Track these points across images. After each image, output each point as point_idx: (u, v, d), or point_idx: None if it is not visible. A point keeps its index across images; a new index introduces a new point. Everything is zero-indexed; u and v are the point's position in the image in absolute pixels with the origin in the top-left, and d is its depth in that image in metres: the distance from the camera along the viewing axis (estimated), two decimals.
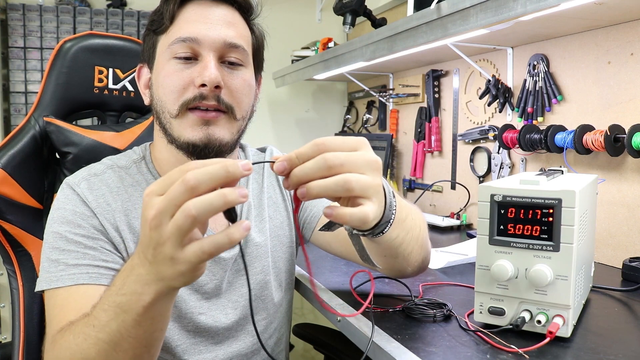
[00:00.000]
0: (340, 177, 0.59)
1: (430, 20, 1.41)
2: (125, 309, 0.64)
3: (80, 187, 0.89)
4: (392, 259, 0.87)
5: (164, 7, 0.89)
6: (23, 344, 1.05)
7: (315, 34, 2.79)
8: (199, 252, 0.56)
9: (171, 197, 0.55)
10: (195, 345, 0.92)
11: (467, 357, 0.74)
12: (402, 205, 0.80)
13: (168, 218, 0.56)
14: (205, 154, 0.87)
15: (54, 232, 0.85)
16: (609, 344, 0.78)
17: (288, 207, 1.07)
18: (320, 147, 0.60)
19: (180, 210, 0.54)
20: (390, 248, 0.82)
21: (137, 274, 0.63)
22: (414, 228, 0.84)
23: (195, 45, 0.86)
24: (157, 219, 0.56)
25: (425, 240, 0.91)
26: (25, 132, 1.12)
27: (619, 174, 1.30)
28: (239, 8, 0.91)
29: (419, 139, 2.13)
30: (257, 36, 0.96)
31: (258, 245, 0.99)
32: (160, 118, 0.90)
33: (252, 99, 0.95)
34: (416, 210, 0.89)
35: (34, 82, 2.41)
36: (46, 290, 0.83)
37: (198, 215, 0.54)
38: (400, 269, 0.92)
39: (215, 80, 0.84)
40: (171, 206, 0.55)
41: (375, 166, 0.63)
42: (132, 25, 2.50)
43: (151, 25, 0.92)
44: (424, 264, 0.95)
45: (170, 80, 0.87)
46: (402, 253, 0.85)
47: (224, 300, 0.95)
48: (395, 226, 0.76)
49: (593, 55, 1.36)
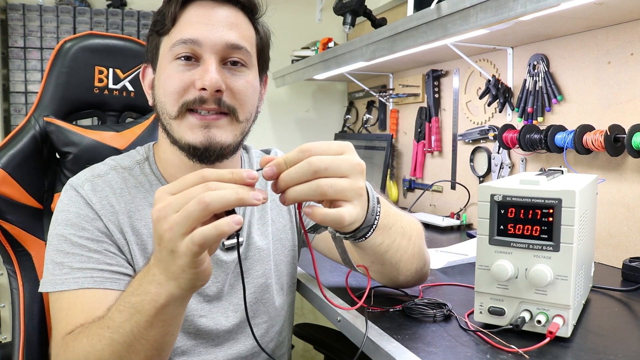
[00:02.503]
0: (313, 182, 0.62)
1: (430, 20, 1.41)
2: (139, 309, 0.66)
3: (84, 189, 0.88)
4: (380, 266, 0.86)
5: (166, 8, 0.88)
6: (23, 344, 1.05)
7: (315, 34, 2.79)
8: (189, 243, 0.58)
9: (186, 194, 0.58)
10: (195, 347, 0.92)
11: (467, 357, 0.74)
12: (390, 212, 0.80)
13: (174, 212, 0.58)
14: (206, 157, 0.87)
15: (59, 234, 0.85)
16: (609, 344, 0.78)
17: (291, 210, 1.06)
18: (306, 153, 0.63)
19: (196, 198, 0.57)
20: (376, 254, 0.81)
21: (152, 273, 0.65)
22: (402, 237, 0.83)
23: (197, 47, 0.85)
24: (163, 210, 0.59)
25: (418, 251, 0.89)
26: (25, 132, 1.12)
27: (619, 174, 1.30)
28: (242, 8, 0.89)
29: (419, 139, 2.14)
30: (261, 36, 0.94)
31: (260, 249, 0.99)
32: (162, 119, 0.90)
33: (256, 100, 0.94)
34: (410, 220, 0.88)
35: (34, 82, 2.41)
36: (51, 292, 0.83)
37: (212, 202, 0.57)
38: (391, 277, 0.91)
39: (215, 85, 0.83)
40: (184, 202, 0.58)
41: (359, 169, 0.66)
42: (132, 25, 2.50)
43: (154, 26, 0.91)
44: (419, 275, 0.94)
45: (171, 81, 0.86)
46: (390, 260, 0.84)
47: (225, 303, 0.95)
48: (379, 232, 0.76)
49: (593, 55, 1.36)
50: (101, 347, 0.69)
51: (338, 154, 0.65)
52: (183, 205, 0.58)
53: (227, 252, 0.94)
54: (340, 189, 0.63)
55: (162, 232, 0.59)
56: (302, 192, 0.62)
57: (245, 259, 0.97)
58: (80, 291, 0.81)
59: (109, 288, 0.82)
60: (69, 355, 0.74)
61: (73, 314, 0.80)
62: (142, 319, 0.66)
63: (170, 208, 0.58)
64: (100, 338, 0.70)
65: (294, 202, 0.63)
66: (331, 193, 0.63)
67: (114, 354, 0.69)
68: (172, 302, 0.65)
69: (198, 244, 0.58)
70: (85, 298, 0.81)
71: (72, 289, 0.81)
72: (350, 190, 0.65)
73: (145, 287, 0.66)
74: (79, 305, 0.80)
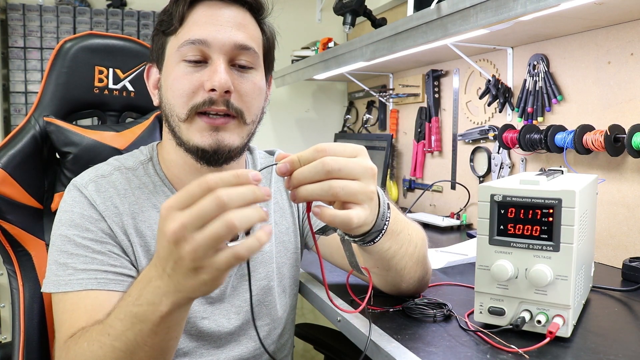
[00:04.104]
0: (325, 182, 0.63)
1: (430, 20, 1.41)
2: (142, 319, 0.65)
3: (87, 189, 0.88)
4: (385, 272, 0.86)
5: (174, 8, 0.87)
6: (23, 344, 1.05)
7: (315, 34, 2.79)
8: (232, 257, 0.57)
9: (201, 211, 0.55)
10: (197, 348, 0.92)
11: (467, 357, 0.74)
12: (399, 219, 0.80)
13: (194, 231, 0.56)
14: (215, 160, 0.87)
15: (62, 234, 0.85)
16: (609, 344, 0.78)
17: (294, 212, 1.06)
18: (321, 153, 0.63)
19: (221, 220, 0.55)
20: (383, 259, 0.81)
21: (154, 286, 0.63)
22: (409, 243, 0.83)
23: (205, 47, 0.84)
24: (181, 232, 0.56)
25: (422, 259, 0.89)
26: (25, 132, 1.12)
27: (619, 174, 1.30)
28: (249, 8, 0.89)
29: (419, 139, 2.14)
30: (267, 36, 0.94)
31: (263, 252, 0.99)
32: (169, 121, 0.89)
33: (262, 102, 0.93)
34: (416, 228, 0.88)
35: (34, 82, 2.41)
36: (54, 293, 0.83)
37: (240, 225, 0.55)
38: (394, 284, 0.91)
39: (225, 85, 0.83)
40: (200, 220, 0.55)
41: (371, 173, 0.66)
42: (132, 25, 2.50)
43: (160, 25, 0.90)
44: (421, 283, 0.94)
45: (179, 83, 0.85)
46: (395, 267, 0.84)
47: (228, 305, 0.95)
48: (388, 237, 0.77)
49: (593, 55, 1.36)
50: (102, 353, 0.68)
51: (352, 157, 0.65)
52: (201, 224, 0.56)
53: None
54: (351, 191, 0.64)
55: (184, 253, 0.56)
56: (313, 192, 0.63)
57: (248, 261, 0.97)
58: (84, 292, 0.81)
59: (113, 289, 0.82)
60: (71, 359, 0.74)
61: (76, 316, 0.79)
62: (146, 327, 0.65)
63: (188, 229, 0.56)
64: (101, 345, 0.69)
65: (304, 200, 0.64)
66: (342, 195, 0.63)
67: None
68: (177, 309, 0.64)
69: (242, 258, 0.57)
70: (89, 299, 0.81)
71: (76, 290, 0.81)
72: (362, 193, 0.65)
73: (148, 297, 0.64)
74: (82, 306, 0.80)
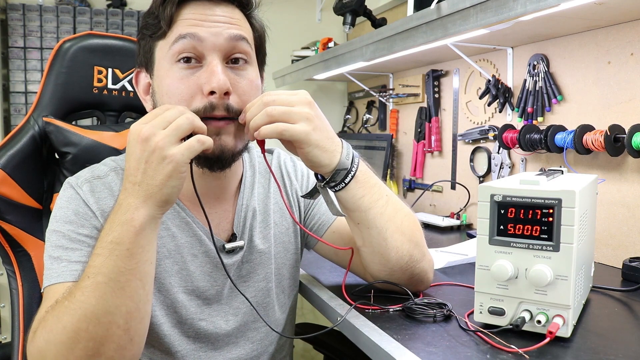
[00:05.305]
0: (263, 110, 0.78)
1: (430, 20, 1.41)
2: (118, 240, 0.71)
3: (82, 190, 0.88)
4: (366, 230, 0.87)
5: (160, 10, 0.83)
6: (22, 344, 1.05)
7: (315, 34, 2.79)
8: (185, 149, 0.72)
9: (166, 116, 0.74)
10: (195, 350, 0.92)
11: (467, 357, 0.74)
12: (372, 174, 0.88)
13: (160, 129, 0.72)
14: (219, 164, 0.87)
15: (57, 230, 0.84)
16: (609, 344, 0.78)
17: (295, 213, 1.05)
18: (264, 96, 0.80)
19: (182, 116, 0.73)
20: (360, 210, 0.86)
21: (126, 204, 0.72)
22: (386, 202, 0.88)
23: (198, 43, 0.82)
24: (151, 130, 0.71)
25: (409, 232, 0.90)
26: (24, 132, 1.12)
27: (619, 174, 1.30)
28: (238, 5, 0.88)
29: (419, 139, 2.13)
30: (258, 31, 0.92)
31: (261, 253, 0.98)
32: None
33: None
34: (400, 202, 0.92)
35: (34, 82, 2.42)
36: (46, 287, 0.81)
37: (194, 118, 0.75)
38: (380, 251, 0.89)
39: (224, 86, 0.81)
40: (165, 121, 0.73)
41: (305, 101, 0.81)
42: (132, 25, 2.50)
43: (146, 29, 0.87)
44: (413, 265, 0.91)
45: (176, 88, 0.83)
46: (374, 223, 0.86)
47: (225, 307, 0.95)
48: (360, 185, 0.85)
49: (593, 55, 1.36)
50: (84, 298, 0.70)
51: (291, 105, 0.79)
52: (166, 125, 0.72)
53: (228, 255, 0.94)
54: (284, 111, 0.78)
55: (153, 144, 0.70)
56: (256, 120, 0.79)
57: (247, 262, 0.97)
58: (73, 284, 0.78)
59: None
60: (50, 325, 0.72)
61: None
62: (123, 248, 0.71)
63: (156, 127, 0.72)
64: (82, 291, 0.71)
65: (254, 130, 0.79)
66: (277, 114, 0.78)
67: (100, 297, 0.69)
68: (148, 223, 0.72)
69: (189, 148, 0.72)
70: None
71: (68, 281, 0.79)
72: (295, 113, 0.78)
73: (121, 217, 0.72)
74: None
